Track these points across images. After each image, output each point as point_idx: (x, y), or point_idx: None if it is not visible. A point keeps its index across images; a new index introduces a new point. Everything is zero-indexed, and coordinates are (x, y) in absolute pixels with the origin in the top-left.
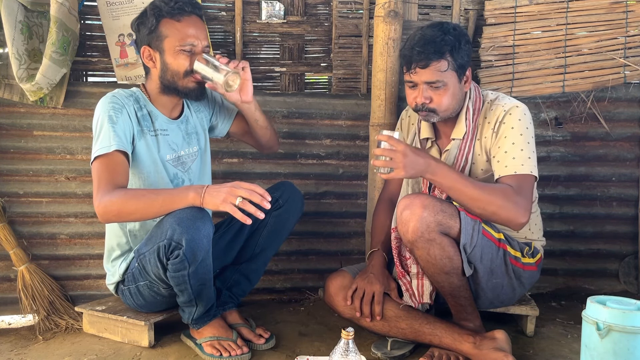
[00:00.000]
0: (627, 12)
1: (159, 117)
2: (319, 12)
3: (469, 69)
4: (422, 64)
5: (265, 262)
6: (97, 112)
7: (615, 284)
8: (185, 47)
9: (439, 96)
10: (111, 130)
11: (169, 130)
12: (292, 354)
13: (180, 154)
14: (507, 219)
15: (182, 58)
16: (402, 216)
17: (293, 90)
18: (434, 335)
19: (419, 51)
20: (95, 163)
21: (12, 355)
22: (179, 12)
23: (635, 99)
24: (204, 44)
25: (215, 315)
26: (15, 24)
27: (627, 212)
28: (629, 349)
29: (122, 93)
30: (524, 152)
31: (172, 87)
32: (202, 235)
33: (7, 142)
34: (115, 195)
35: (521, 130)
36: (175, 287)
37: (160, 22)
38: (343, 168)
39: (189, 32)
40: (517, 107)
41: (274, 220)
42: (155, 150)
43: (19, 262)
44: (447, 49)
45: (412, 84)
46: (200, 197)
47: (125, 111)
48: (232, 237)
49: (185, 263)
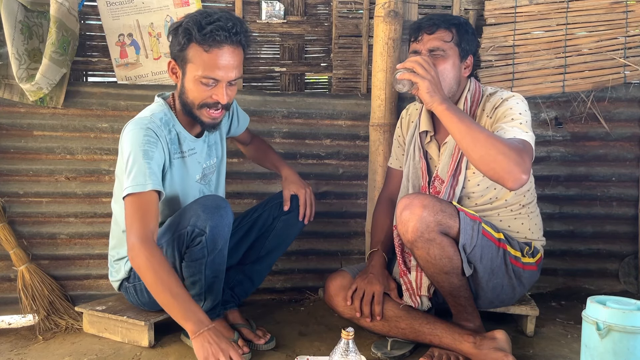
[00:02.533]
0: (627, 12)
1: (187, 137)
2: (319, 12)
3: (470, 57)
4: (429, 30)
5: (269, 264)
6: (129, 142)
7: (615, 284)
8: (206, 79)
9: (438, 64)
10: (147, 167)
11: (196, 148)
12: (292, 354)
13: (203, 167)
14: (508, 170)
15: (202, 89)
16: (401, 216)
17: (293, 90)
18: (434, 335)
19: (428, 18)
20: (129, 199)
21: (12, 355)
22: (211, 42)
23: (635, 99)
24: (230, 76)
25: (219, 315)
26: (15, 24)
27: (627, 212)
28: (629, 349)
29: (157, 123)
30: (524, 125)
31: (187, 110)
32: (225, 224)
33: (7, 142)
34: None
35: (520, 110)
36: (189, 277)
37: (189, 45)
38: (343, 168)
39: (214, 66)
40: (514, 95)
41: (282, 225)
42: (183, 173)
43: (19, 262)
44: (454, 22)
45: (415, 53)
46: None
47: (160, 145)
48: (240, 239)
49: (205, 251)
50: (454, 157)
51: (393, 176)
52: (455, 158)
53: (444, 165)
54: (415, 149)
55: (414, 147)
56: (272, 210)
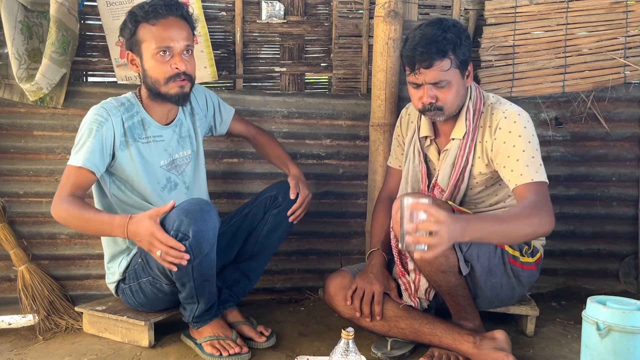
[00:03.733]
0: (627, 12)
1: (152, 124)
2: (319, 12)
3: (470, 64)
4: (425, 64)
5: (265, 260)
6: (84, 118)
7: (615, 284)
8: (160, 49)
9: (444, 94)
10: (87, 145)
11: (164, 136)
12: (292, 353)
13: (174, 157)
14: (545, 233)
15: (160, 62)
16: (396, 217)
17: (293, 90)
18: (433, 335)
19: (421, 51)
20: (67, 167)
21: (12, 355)
22: (154, 16)
23: (635, 99)
24: (181, 45)
25: (216, 314)
26: (15, 24)
27: (627, 212)
28: (629, 349)
29: (112, 103)
30: (536, 160)
31: (155, 92)
32: (209, 228)
33: (7, 142)
34: (63, 207)
35: (529, 137)
36: (178, 280)
37: (138, 27)
38: (343, 168)
39: (163, 35)
40: (519, 115)
41: (273, 219)
42: (147, 157)
43: (19, 262)
44: (449, 47)
45: (416, 85)
46: (124, 235)
47: (109, 124)
48: (232, 236)
49: (191, 256)
50: (457, 167)
51: (392, 175)
52: (458, 168)
53: (444, 175)
54: (415, 152)
55: (413, 149)
56: (263, 204)
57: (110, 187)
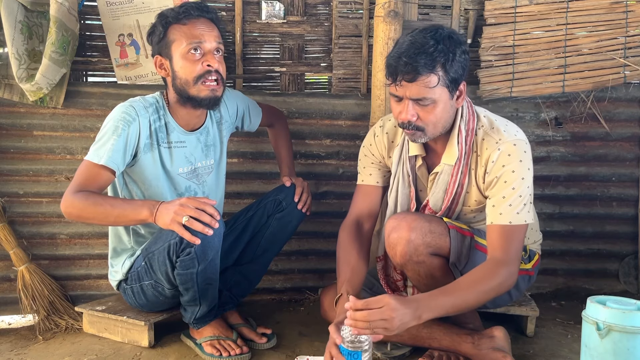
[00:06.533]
0: (627, 12)
1: (176, 128)
2: (319, 12)
3: (463, 84)
4: (408, 77)
5: (266, 264)
6: (110, 115)
7: (615, 284)
8: (191, 46)
9: (426, 113)
10: (111, 142)
11: (187, 142)
12: (292, 354)
13: (196, 165)
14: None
15: (191, 61)
16: (389, 239)
17: (293, 90)
18: (432, 339)
19: (405, 62)
20: (83, 162)
21: (12, 355)
22: (185, 16)
23: (635, 99)
24: (213, 45)
25: (216, 315)
26: (15, 24)
27: (627, 212)
28: (629, 349)
29: (141, 103)
30: (522, 199)
31: (184, 95)
32: (215, 234)
33: (7, 142)
34: (78, 198)
35: (523, 173)
36: (181, 285)
37: (168, 29)
38: (343, 168)
39: (194, 33)
40: (514, 145)
41: (276, 223)
42: (166, 162)
43: (19, 262)
44: (439, 61)
45: (397, 98)
46: (152, 215)
47: (137, 124)
48: (235, 239)
49: (195, 262)
50: (449, 192)
51: (367, 193)
52: (450, 194)
53: (437, 200)
54: (403, 174)
55: (402, 171)
56: (267, 208)
57: (122, 188)
